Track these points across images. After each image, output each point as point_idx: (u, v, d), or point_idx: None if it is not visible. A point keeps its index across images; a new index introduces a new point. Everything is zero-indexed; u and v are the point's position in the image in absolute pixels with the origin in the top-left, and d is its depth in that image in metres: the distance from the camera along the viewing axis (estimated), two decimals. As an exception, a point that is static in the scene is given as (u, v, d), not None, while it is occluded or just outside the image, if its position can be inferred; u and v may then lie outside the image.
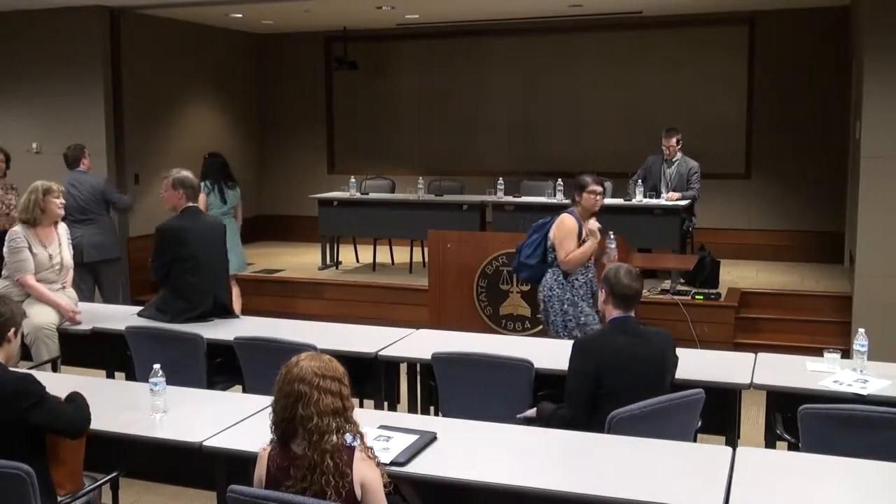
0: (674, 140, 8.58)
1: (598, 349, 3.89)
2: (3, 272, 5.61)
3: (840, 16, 9.66)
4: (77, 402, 3.48)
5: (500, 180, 9.09)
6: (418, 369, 5.02)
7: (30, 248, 5.43)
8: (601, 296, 4.07)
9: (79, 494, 3.39)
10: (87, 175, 7.64)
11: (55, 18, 9.37)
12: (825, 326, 7.75)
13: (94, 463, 3.57)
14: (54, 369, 5.29)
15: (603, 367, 3.79)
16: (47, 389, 3.35)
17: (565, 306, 5.51)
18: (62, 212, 5.63)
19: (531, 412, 4.12)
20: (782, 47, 10.16)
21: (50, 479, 3.34)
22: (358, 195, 9.67)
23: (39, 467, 3.25)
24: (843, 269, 9.31)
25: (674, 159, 8.62)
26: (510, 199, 9.00)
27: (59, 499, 3.29)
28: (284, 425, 2.75)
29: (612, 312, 3.98)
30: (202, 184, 7.40)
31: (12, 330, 3.39)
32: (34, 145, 9.62)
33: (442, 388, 4.50)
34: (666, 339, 4.01)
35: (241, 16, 10.50)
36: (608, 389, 3.74)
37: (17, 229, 5.50)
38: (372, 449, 2.84)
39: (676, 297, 7.62)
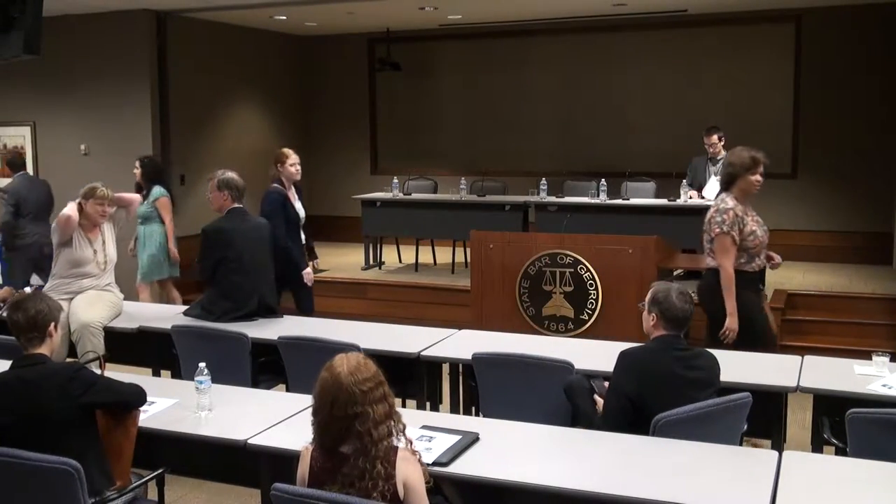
0: (714, 137, 8.48)
1: (642, 369, 3.69)
2: (51, 271, 5.72)
3: (888, 12, 9.49)
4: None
5: (543, 180, 9.06)
6: (460, 370, 5.01)
7: (73, 244, 5.54)
8: (650, 319, 3.79)
9: (126, 490, 3.44)
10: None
11: (103, 22, 9.54)
12: (874, 329, 7.63)
13: (140, 460, 3.62)
14: (100, 367, 5.36)
15: (645, 389, 3.63)
16: None
17: None
18: (103, 219, 5.68)
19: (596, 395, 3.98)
20: (829, 45, 10.01)
21: (107, 464, 3.42)
22: (401, 196, 9.69)
23: (96, 454, 3.35)
24: (893, 270, 9.15)
25: (718, 158, 8.53)
26: (553, 199, 8.97)
27: (107, 493, 3.34)
28: (335, 434, 2.74)
29: (661, 334, 3.78)
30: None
31: (52, 325, 3.46)
32: (83, 147, 9.78)
33: (482, 388, 4.49)
34: (714, 364, 3.81)
35: (284, 18, 10.59)
36: (651, 411, 3.54)
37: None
38: (413, 444, 2.84)
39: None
